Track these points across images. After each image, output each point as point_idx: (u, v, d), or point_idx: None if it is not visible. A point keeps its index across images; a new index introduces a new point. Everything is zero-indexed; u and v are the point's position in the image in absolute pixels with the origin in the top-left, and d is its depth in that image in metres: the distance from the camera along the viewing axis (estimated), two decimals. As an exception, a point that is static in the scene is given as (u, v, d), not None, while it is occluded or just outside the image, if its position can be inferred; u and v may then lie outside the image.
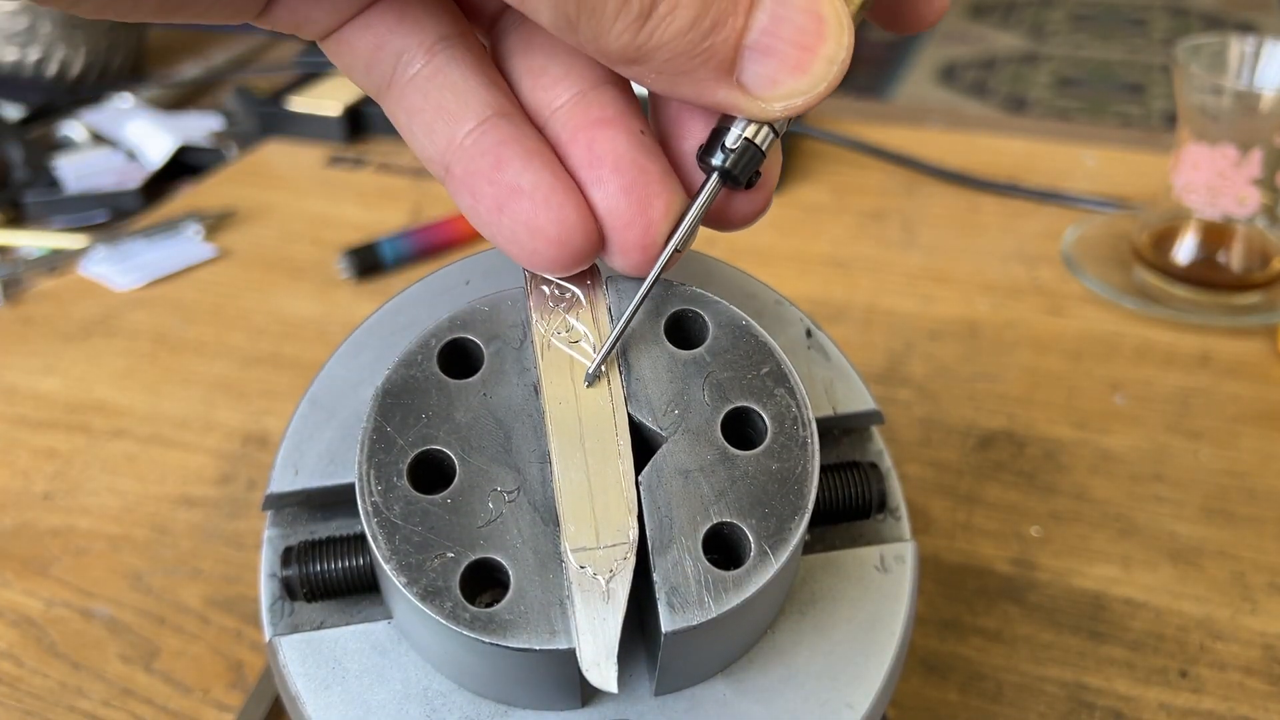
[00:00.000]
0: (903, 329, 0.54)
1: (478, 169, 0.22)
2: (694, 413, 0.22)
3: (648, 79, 0.20)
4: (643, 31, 0.19)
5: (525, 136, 0.22)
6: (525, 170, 0.21)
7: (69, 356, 0.54)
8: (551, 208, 0.21)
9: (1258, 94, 0.51)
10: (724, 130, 0.21)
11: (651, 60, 0.19)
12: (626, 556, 0.21)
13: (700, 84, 0.20)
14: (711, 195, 0.22)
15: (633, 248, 0.22)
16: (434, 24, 0.22)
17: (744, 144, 0.21)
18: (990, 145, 0.72)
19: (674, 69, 0.19)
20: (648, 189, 0.21)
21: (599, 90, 0.22)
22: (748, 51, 0.19)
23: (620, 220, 0.21)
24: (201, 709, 0.36)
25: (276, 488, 0.25)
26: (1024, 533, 0.42)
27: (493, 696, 0.23)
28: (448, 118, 0.22)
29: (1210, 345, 0.52)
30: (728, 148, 0.21)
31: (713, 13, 0.19)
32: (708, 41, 0.19)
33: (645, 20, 0.18)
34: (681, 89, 0.20)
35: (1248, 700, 0.35)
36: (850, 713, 0.23)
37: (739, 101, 0.20)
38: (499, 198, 0.21)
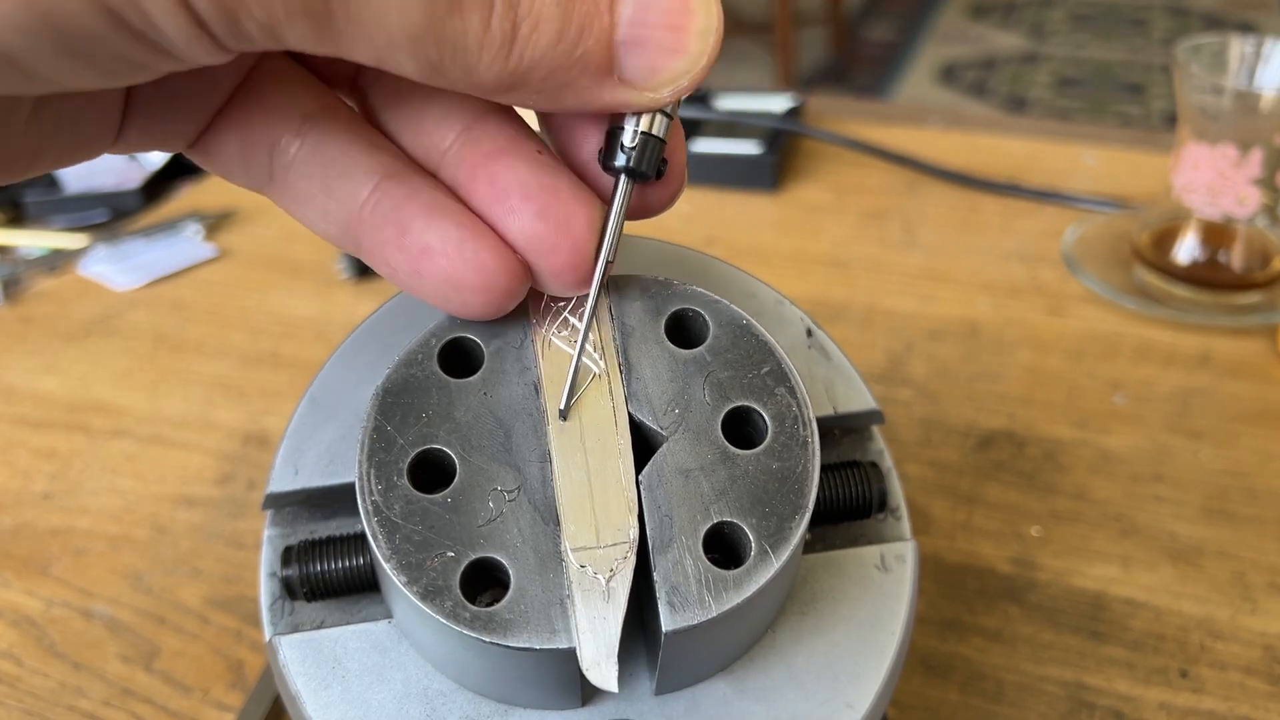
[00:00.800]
0: (903, 329, 0.54)
1: (384, 239, 0.21)
2: (694, 412, 0.22)
3: (530, 100, 0.19)
4: (512, 56, 0.18)
5: (421, 192, 0.21)
6: (429, 228, 0.21)
7: (69, 356, 0.54)
8: (467, 258, 0.21)
9: (1258, 94, 0.51)
10: (619, 130, 0.21)
11: (529, 82, 0.19)
12: (627, 556, 0.21)
13: (583, 92, 0.19)
14: (625, 197, 0.21)
15: (563, 269, 0.21)
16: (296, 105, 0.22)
17: (642, 138, 0.21)
18: (990, 145, 0.72)
19: (553, 84, 0.19)
20: (563, 208, 0.21)
21: (483, 122, 0.22)
22: (621, 47, 0.19)
23: (544, 246, 0.21)
24: (201, 709, 0.36)
25: (276, 487, 0.25)
26: (1024, 533, 0.42)
27: (493, 696, 0.23)
28: (339, 196, 0.21)
29: (1210, 345, 0.52)
30: (627, 147, 0.21)
31: (576, 19, 0.18)
32: (579, 49, 0.18)
33: (511, 44, 0.18)
34: (566, 102, 0.19)
35: (1248, 700, 0.35)
36: (850, 713, 0.23)
37: (627, 98, 0.20)
38: (412, 262, 0.21)
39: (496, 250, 0.21)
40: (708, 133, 0.69)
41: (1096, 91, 2.64)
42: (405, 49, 0.17)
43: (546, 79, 0.19)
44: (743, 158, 0.67)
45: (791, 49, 2.66)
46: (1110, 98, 2.61)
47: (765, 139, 0.68)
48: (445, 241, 0.21)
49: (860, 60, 2.95)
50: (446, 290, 0.21)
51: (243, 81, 0.22)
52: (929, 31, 3.06)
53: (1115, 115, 2.52)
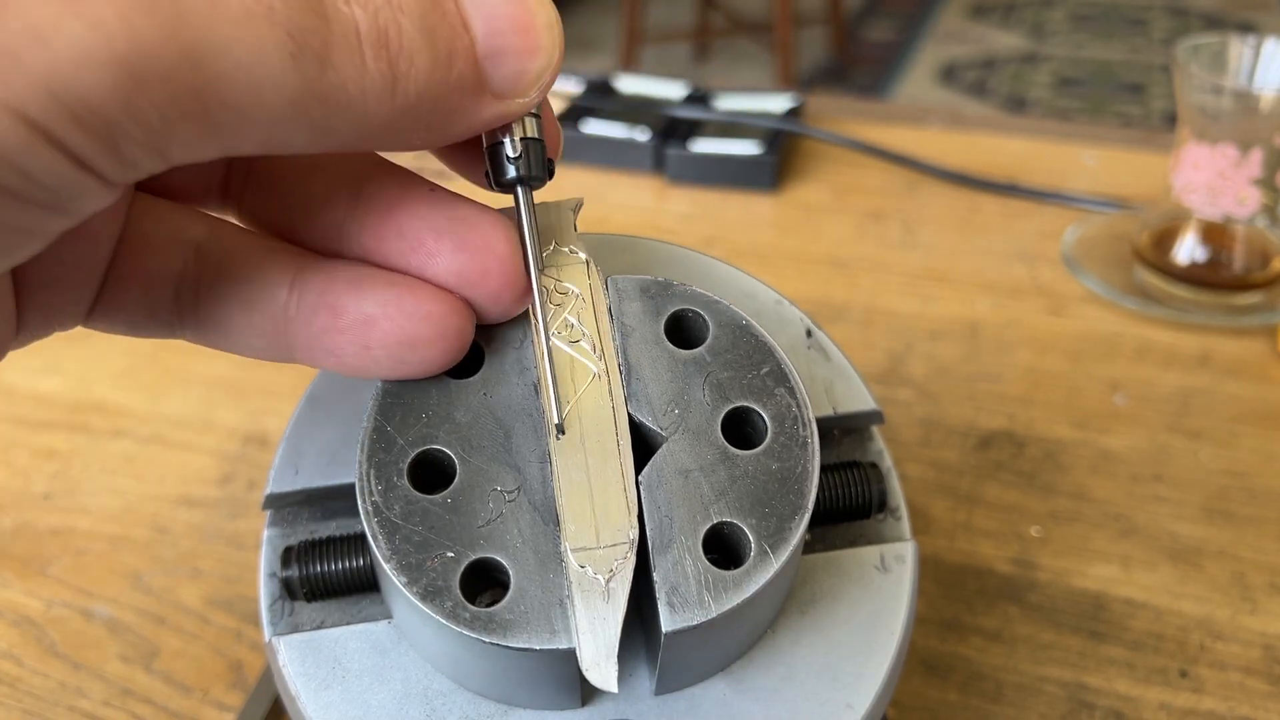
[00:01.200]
0: (903, 329, 0.54)
1: (319, 328, 0.21)
2: (694, 412, 0.22)
3: (420, 138, 0.19)
4: (397, 94, 0.18)
5: (339, 271, 0.21)
6: (363, 299, 0.21)
7: (69, 356, 0.54)
8: (409, 313, 0.21)
9: (1258, 94, 0.51)
10: (499, 145, 0.21)
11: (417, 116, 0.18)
12: (626, 556, 0.21)
13: (466, 115, 0.19)
14: (530, 204, 0.21)
15: (500, 290, 0.21)
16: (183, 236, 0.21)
17: (524, 145, 0.21)
18: (990, 145, 0.72)
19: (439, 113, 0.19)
20: (477, 235, 0.21)
21: (370, 183, 0.21)
22: (486, 62, 0.19)
23: (474, 275, 0.21)
24: (201, 709, 0.36)
25: (276, 487, 0.25)
26: (1024, 533, 0.42)
27: (493, 696, 0.23)
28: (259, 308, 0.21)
29: (1210, 345, 0.52)
30: (513, 158, 0.21)
31: (443, 43, 0.18)
32: (454, 71, 0.18)
33: (393, 83, 0.17)
34: (453, 129, 0.19)
35: (1248, 700, 0.35)
36: (850, 713, 0.23)
37: (503, 109, 0.20)
38: (357, 339, 0.21)
39: (436, 296, 0.21)
40: (708, 133, 0.69)
41: (1096, 91, 2.64)
42: (290, 120, 0.17)
43: (432, 110, 0.18)
44: (742, 158, 0.67)
45: (791, 49, 2.66)
46: (1110, 98, 2.61)
47: (765, 139, 0.68)
48: (384, 305, 0.21)
49: (860, 60, 2.95)
50: (402, 352, 0.21)
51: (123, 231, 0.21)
52: (929, 31, 3.06)
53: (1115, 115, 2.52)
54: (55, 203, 0.16)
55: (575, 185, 0.69)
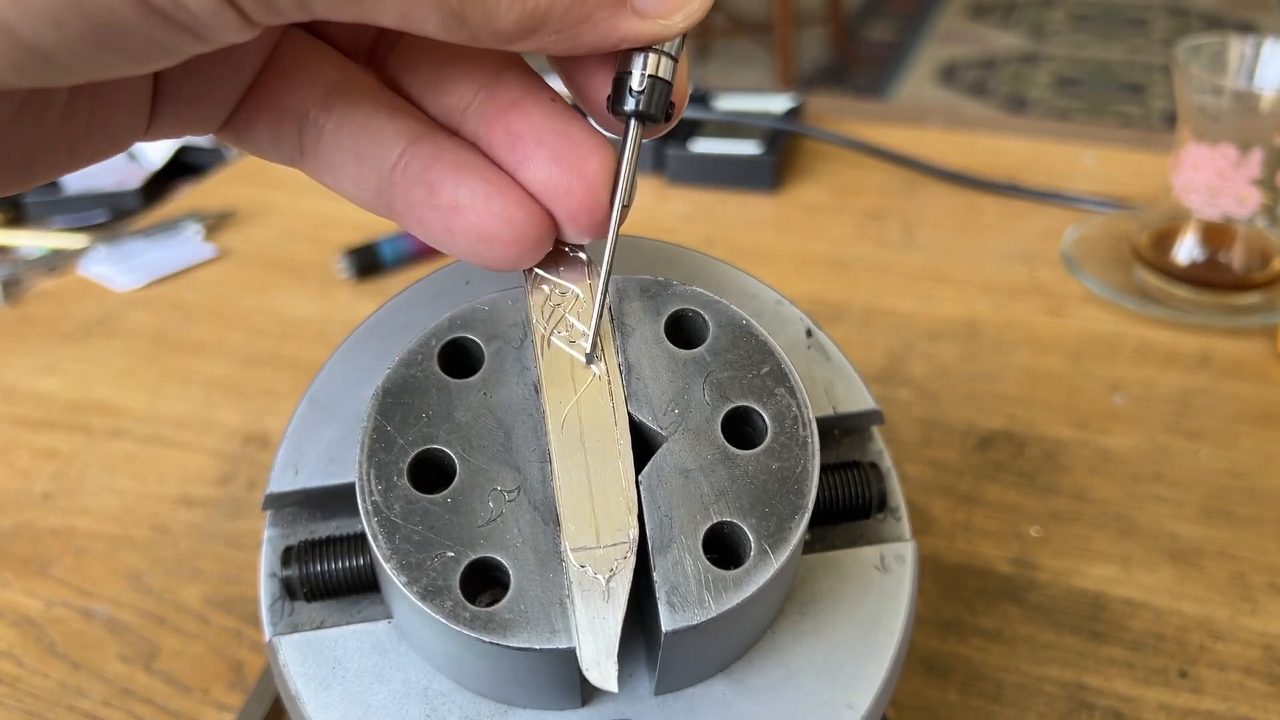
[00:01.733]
0: (903, 329, 0.54)
1: (415, 199, 0.22)
2: (694, 412, 0.22)
3: (550, 43, 0.20)
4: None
5: (447, 152, 0.22)
6: (459, 186, 0.21)
7: (69, 356, 0.54)
8: (495, 212, 0.21)
9: (1258, 94, 0.51)
10: (626, 75, 0.21)
11: (548, 22, 0.19)
12: (626, 556, 0.21)
13: (600, 25, 0.19)
14: (637, 140, 0.22)
15: (579, 212, 0.21)
16: (320, 78, 0.22)
17: (650, 81, 0.21)
18: (990, 145, 0.72)
19: (571, 22, 0.19)
20: (576, 151, 0.21)
21: (500, 80, 0.22)
22: None
23: (559, 189, 0.21)
24: (201, 709, 0.36)
25: (276, 487, 0.25)
26: (1024, 533, 0.42)
27: (493, 696, 0.23)
28: (369, 162, 0.22)
29: (1210, 345, 0.52)
30: (636, 90, 0.21)
31: None
32: None
33: None
34: (584, 39, 0.20)
35: (1248, 700, 0.35)
36: (850, 713, 0.23)
37: (643, 29, 0.20)
38: (444, 221, 0.21)
39: (522, 203, 0.21)
40: (708, 133, 0.69)
41: (1096, 91, 2.64)
42: (427, 5, 0.18)
43: (564, 17, 0.19)
44: (743, 158, 0.67)
45: (791, 49, 2.66)
46: (1110, 98, 2.61)
47: (765, 139, 0.68)
48: (474, 198, 0.21)
49: (860, 60, 2.95)
50: (478, 246, 0.21)
51: (268, 60, 0.22)
52: (929, 31, 3.06)
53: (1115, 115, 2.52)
54: (197, 29, 0.17)
55: (575, 185, 0.69)
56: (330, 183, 0.23)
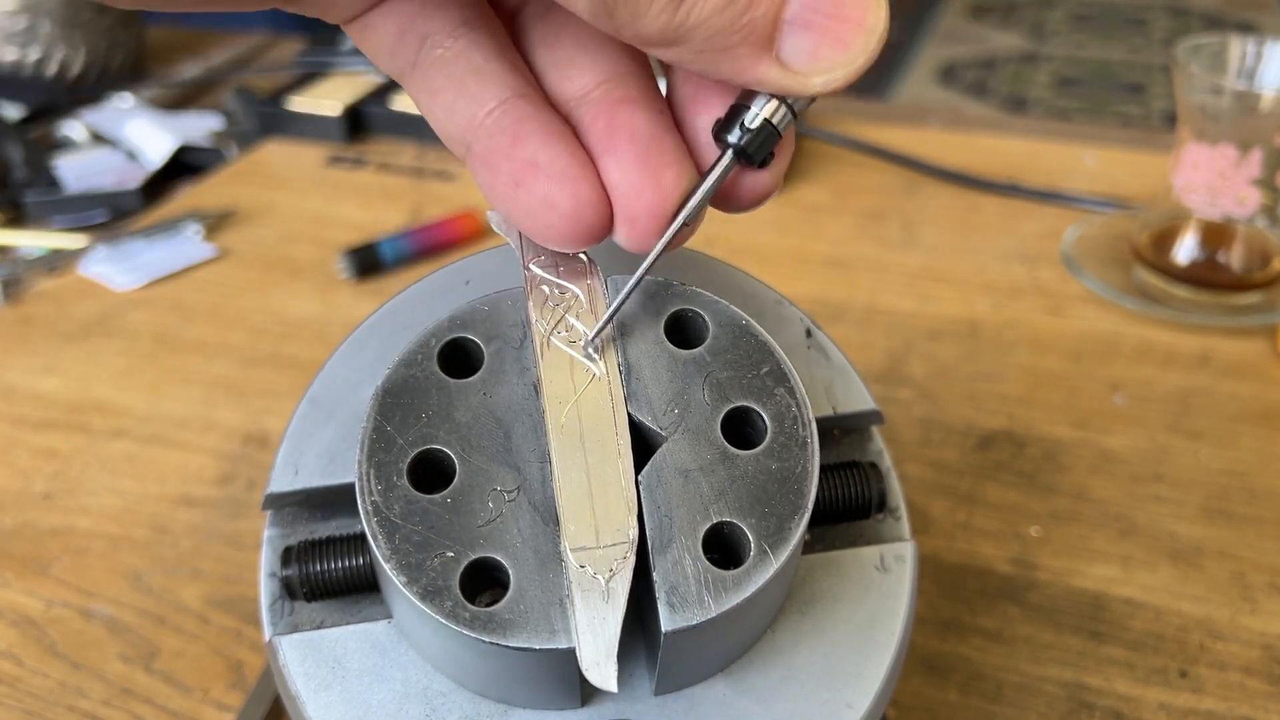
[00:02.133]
0: (903, 329, 0.54)
1: (496, 146, 0.22)
2: (694, 412, 0.22)
3: (686, 59, 0.20)
4: (680, 11, 0.18)
5: (544, 116, 0.22)
6: (543, 147, 0.21)
7: (69, 356, 0.54)
8: (566, 183, 0.21)
9: (1258, 94, 0.51)
10: (743, 108, 0.21)
11: (690, 40, 0.19)
12: (626, 556, 0.21)
13: (739, 61, 0.20)
14: (725, 172, 0.22)
15: (641, 215, 0.21)
16: (457, 8, 0.22)
17: (762, 124, 0.21)
18: (990, 145, 0.72)
19: (712, 48, 0.19)
20: (661, 159, 0.21)
21: (624, 77, 0.22)
22: (787, 26, 0.19)
23: (632, 189, 0.21)
24: (201, 709, 0.36)
25: (276, 487, 0.25)
26: (1024, 533, 0.42)
27: (493, 696, 0.23)
28: (470, 97, 0.22)
29: (1210, 345, 0.52)
30: (746, 126, 0.21)
31: None
32: (746, 17, 0.19)
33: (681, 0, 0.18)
34: (720, 68, 0.20)
35: (1248, 700, 0.35)
36: (850, 713, 0.23)
37: (778, 78, 0.20)
38: (516, 173, 0.22)
39: (594, 186, 0.21)
40: (708, 133, 0.69)
41: (1096, 91, 2.64)
42: None
43: (708, 40, 0.19)
44: (743, 158, 0.67)
45: (791, 49, 2.66)
46: (1110, 98, 2.61)
47: (765, 139, 0.68)
48: (553, 161, 0.21)
49: (860, 60, 2.94)
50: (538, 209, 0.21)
51: None
52: (929, 31, 3.06)
53: (1115, 115, 2.52)
54: None
55: (575, 185, 0.69)
56: (425, 104, 0.23)
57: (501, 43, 0.23)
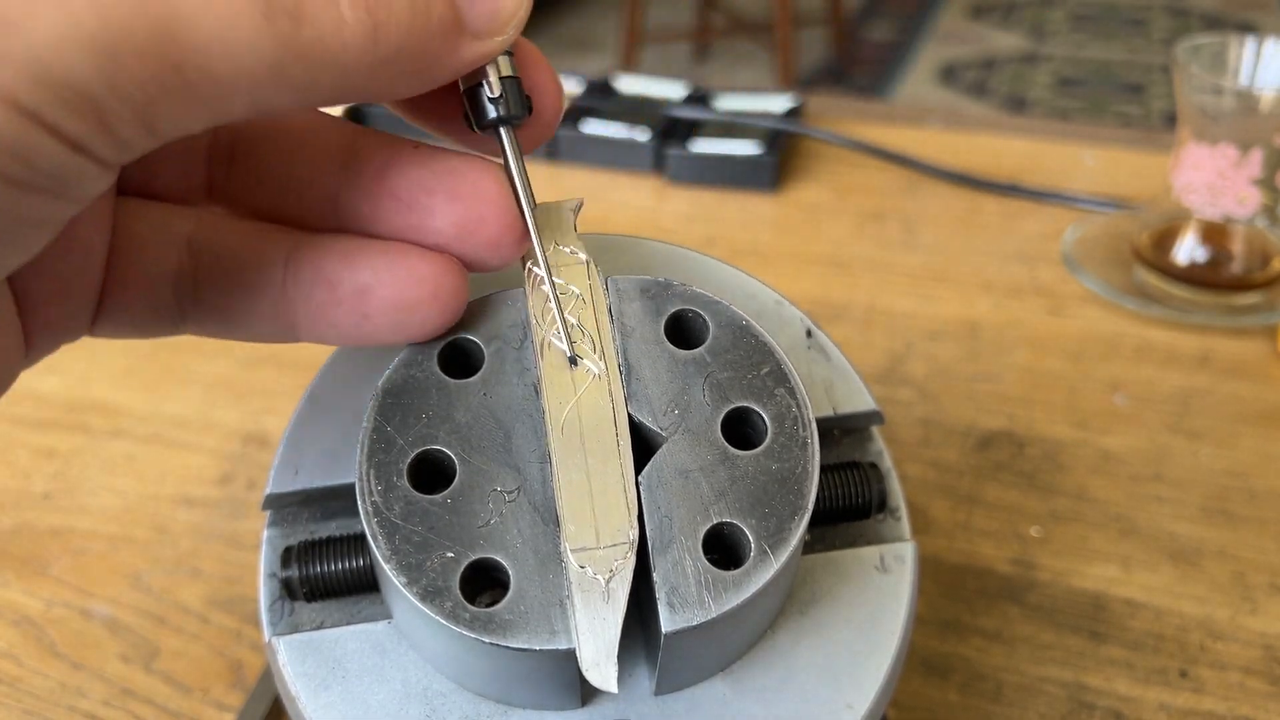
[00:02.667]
0: (903, 329, 0.54)
1: (317, 303, 0.21)
2: (694, 413, 0.22)
3: (402, 85, 0.19)
4: (379, 41, 0.17)
5: (331, 246, 0.21)
6: (356, 271, 0.21)
7: (69, 356, 0.54)
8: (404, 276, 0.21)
9: (1258, 94, 0.51)
10: (477, 87, 0.21)
11: (399, 62, 0.18)
12: (626, 556, 0.21)
13: (447, 57, 0.19)
14: (514, 144, 0.21)
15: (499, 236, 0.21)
16: (174, 231, 0.21)
17: (503, 83, 0.21)
18: (990, 145, 0.72)
19: (421, 59, 0.18)
20: (467, 181, 0.21)
21: (355, 154, 0.22)
22: (461, 1, 0.19)
23: (471, 225, 0.21)
24: (201, 709, 0.36)
25: (276, 488, 0.25)
26: (1024, 533, 0.42)
27: (493, 696, 0.23)
28: (256, 292, 0.21)
29: (1210, 345, 0.52)
30: (494, 98, 0.21)
31: None
32: (434, 13, 0.18)
33: (374, 29, 0.17)
34: (435, 74, 0.19)
35: (1248, 700, 0.35)
36: (850, 713, 0.23)
37: (484, 48, 0.19)
38: (354, 310, 0.21)
39: (428, 258, 0.21)
40: (708, 133, 0.69)
41: (1096, 91, 2.64)
42: (273, 81, 0.17)
43: (415, 55, 0.18)
44: (743, 158, 0.67)
45: (791, 49, 2.66)
46: (1110, 98, 2.61)
47: (765, 139, 0.68)
48: (378, 272, 0.21)
49: (860, 60, 2.95)
50: (400, 317, 0.21)
51: (113, 240, 0.21)
52: (929, 31, 3.06)
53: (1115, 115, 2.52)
54: (58, 188, 0.16)
55: (575, 185, 0.69)
56: (226, 332, 0.22)
57: (235, 223, 0.22)
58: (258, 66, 0.16)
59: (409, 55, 0.18)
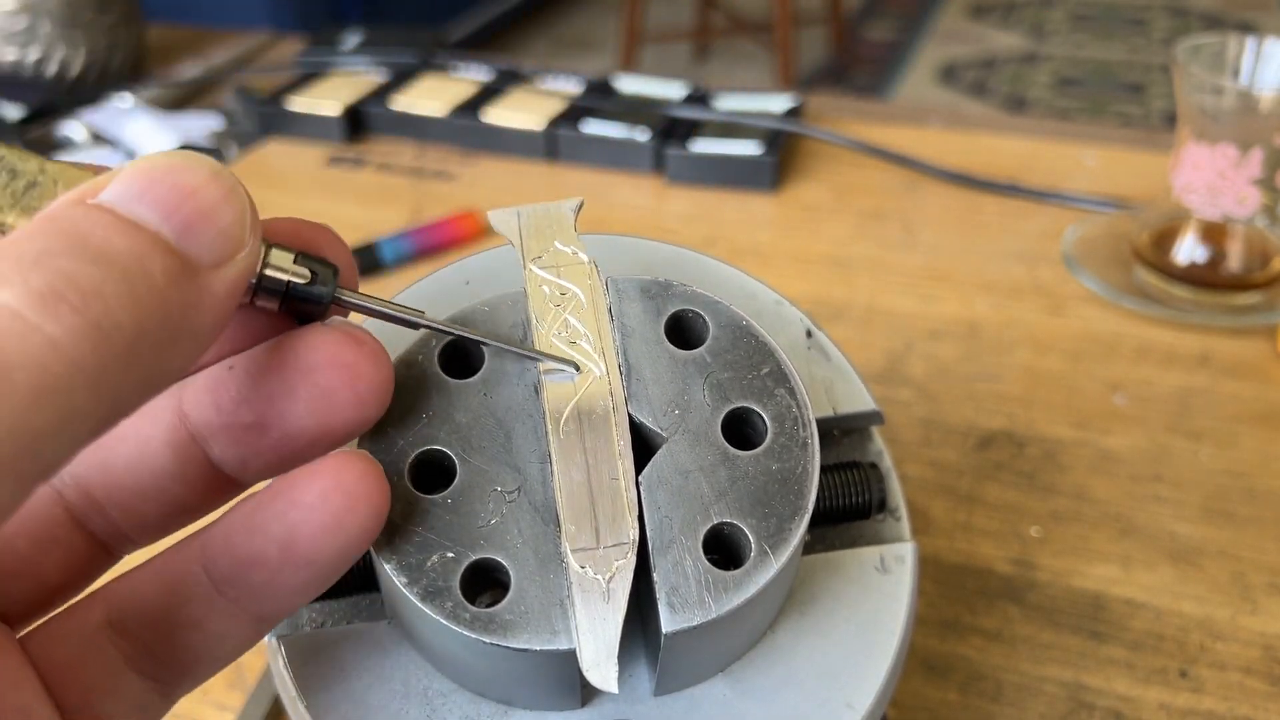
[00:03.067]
0: (903, 329, 0.54)
1: (264, 582, 0.19)
2: (694, 413, 0.22)
3: (179, 357, 0.16)
4: (105, 334, 0.15)
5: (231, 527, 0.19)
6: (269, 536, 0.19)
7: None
8: (316, 507, 0.19)
9: (1258, 94, 0.51)
10: (259, 278, 0.19)
11: (150, 343, 0.15)
12: (627, 556, 0.21)
13: (202, 305, 0.17)
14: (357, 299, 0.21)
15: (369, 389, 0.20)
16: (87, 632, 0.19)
17: (300, 266, 0.19)
18: (990, 145, 0.72)
19: (172, 323, 0.16)
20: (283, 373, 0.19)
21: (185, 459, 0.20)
22: (182, 245, 0.16)
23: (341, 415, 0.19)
24: (201, 709, 0.36)
25: (277, 488, 0.25)
26: (1024, 533, 0.42)
27: (493, 696, 0.23)
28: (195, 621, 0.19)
29: (1210, 345, 0.52)
30: (302, 285, 0.19)
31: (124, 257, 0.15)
32: (154, 271, 0.16)
33: (95, 327, 0.15)
34: (200, 324, 0.17)
35: (1248, 700, 0.35)
36: (850, 713, 0.23)
37: (234, 271, 0.17)
38: (295, 560, 0.19)
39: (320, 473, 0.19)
40: (708, 133, 0.69)
41: (1096, 91, 2.64)
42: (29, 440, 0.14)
43: (162, 322, 0.16)
44: (743, 158, 0.67)
45: (791, 49, 2.66)
46: (1110, 98, 2.61)
47: (765, 139, 0.68)
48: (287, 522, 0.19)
49: (860, 60, 2.95)
50: (336, 536, 0.19)
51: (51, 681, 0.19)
52: (929, 31, 3.06)
53: (1115, 115, 2.52)
54: None
55: (575, 185, 0.69)
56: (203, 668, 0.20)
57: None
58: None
59: (157, 327, 0.16)
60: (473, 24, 2.98)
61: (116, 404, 0.15)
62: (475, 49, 2.55)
